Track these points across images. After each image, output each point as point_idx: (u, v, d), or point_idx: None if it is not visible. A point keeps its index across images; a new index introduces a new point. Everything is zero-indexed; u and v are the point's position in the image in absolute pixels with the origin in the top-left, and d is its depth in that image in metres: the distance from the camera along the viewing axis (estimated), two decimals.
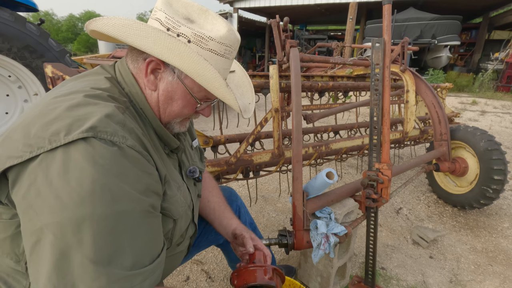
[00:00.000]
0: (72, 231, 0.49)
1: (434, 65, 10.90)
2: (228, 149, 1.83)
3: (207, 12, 0.71)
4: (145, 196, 0.58)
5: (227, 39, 0.69)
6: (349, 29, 6.83)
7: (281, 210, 2.37)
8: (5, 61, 2.68)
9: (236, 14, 14.10)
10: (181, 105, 0.73)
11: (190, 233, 0.91)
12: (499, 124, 5.71)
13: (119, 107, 0.62)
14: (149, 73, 0.69)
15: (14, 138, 0.54)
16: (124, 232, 0.54)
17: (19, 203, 0.52)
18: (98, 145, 0.52)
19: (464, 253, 1.91)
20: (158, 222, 0.64)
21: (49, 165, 0.50)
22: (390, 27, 1.20)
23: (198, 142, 1.03)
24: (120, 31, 0.62)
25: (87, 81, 0.68)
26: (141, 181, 0.58)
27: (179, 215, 0.77)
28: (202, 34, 0.66)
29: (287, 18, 1.70)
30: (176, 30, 0.66)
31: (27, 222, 0.52)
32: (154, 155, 0.66)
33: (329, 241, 1.11)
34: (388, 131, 1.20)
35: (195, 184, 0.93)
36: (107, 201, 0.51)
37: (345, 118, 5.14)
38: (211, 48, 0.68)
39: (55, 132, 0.52)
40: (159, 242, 0.64)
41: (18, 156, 0.51)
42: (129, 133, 0.59)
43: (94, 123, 0.53)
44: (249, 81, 0.92)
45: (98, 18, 0.64)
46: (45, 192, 0.50)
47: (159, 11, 0.67)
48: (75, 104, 0.56)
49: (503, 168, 2.05)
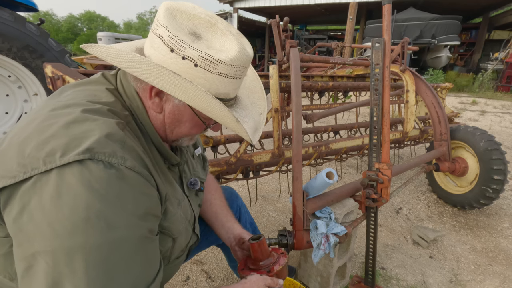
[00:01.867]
0: (64, 261, 0.47)
1: (434, 65, 10.90)
2: (228, 149, 1.83)
3: (215, 26, 0.63)
4: (143, 221, 0.56)
5: (238, 60, 0.62)
6: (349, 29, 6.83)
7: (281, 210, 2.37)
8: (5, 61, 2.68)
9: (236, 14, 14.10)
10: (189, 127, 0.71)
11: (191, 244, 0.90)
12: (499, 124, 5.71)
13: (119, 123, 0.59)
14: (153, 95, 0.65)
15: (9, 156, 0.52)
16: (119, 261, 0.52)
17: (10, 226, 0.51)
18: (95, 168, 0.50)
19: (464, 253, 1.91)
20: (154, 245, 0.61)
21: (42, 188, 0.48)
22: (390, 27, 1.20)
23: (201, 150, 1.01)
24: (120, 62, 0.58)
25: (87, 90, 0.65)
26: (140, 204, 0.56)
27: (178, 233, 0.75)
28: (210, 57, 0.59)
29: (287, 18, 1.70)
30: (181, 52, 0.58)
31: (18, 247, 0.50)
32: (154, 174, 0.63)
33: (329, 241, 1.11)
34: (388, 131, 1.20)
35: (196, 194, 0.92)
36: (101, 230, 0.49)
37: (345, 118, 5.14)
38: (220, 72, 0.61)
39: (50, 153, 0.49)
40: (155, 266, 0.61)
41: (11, 176, 0.49)
42: (129, 152, 0.56)
43: (91, 144, 0.51)
44: (261, 86, 0.86)
45: (95, 45, 0.59)
46: (37, 217, 0.48)
47: (161, 27, 0.59)
48: (72, 121, 0.54)
49: (503, 168, 2.05)
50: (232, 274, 1.64)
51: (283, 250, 1.02)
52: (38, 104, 1.81)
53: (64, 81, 1.23)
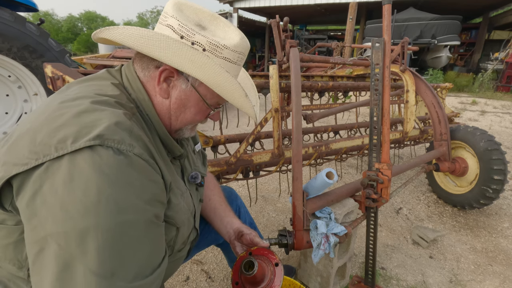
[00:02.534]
0: (76, 242, 0.49)
1: (434, 65, 10.90)
2: (228, 149, 1.83)
3: (218, 18, 0.71)
4: (150, 206, 0.58)
5: (240, 46, 0.70)
6: (349, 29, 6.83)
7: (281, 210, 2.37)
8: (5, 61, 2.68)
9: (236, 14, 14.09)
10: (194, 112, 0.74)
11: (191, 238, 0.91)
12: (499, 124, 5.71)
13: (126, 113, 0.61)
14: (162, 81, 0.68)
15: (21, 145, 0.53)
16: (128, 244, 0.53)
17: (23, 211, 0.52)
18: (105, 154, 0.52)
19: (464, 253, 1.91)
20: (161, 231, 0.63)
21: (54, 173, 0.50)
22: (390, 27, 1.20)
23: (200, 146, 1.03)
24: (138, 42, 0.61)
25: (93, 85, 0.67)
26: (147, 190, 0.57)
27: (182, 223, 0.77)
28: (217, 42, 0.66)
29: (287, 18, 1.70)
30: (190, 38, 0.65)
31: (31, 231, 0.51)
32: (160, 162, 0.65)
33: (329, 241, 1.11)
34: (388, 131, 1.20)
35: (197, 189, 0.93)
36: (112, 212, 0.51)
37: (345, 118, 5.14)
38: (225, 56, 0.68)
39: (61, 140, 0.51)
40: (161, 252, 0.63)
41: (23, 163, 0.51)
42: (136, 140, 0.58)
43: (101, 131, 0.53)
44: (252, 83, 0.94)
45: (112, 28, 0.63)
46: (50, 201, 0.49)
47: (171, 18, 0.65)
48: (82, 110, 0.56)
49: (503, 168, 2.05)
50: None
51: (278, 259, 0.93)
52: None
53: (64, 81, 1.23)
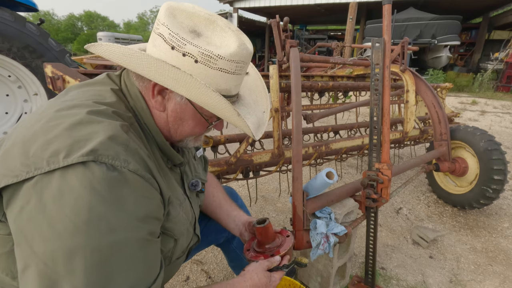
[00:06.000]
0: (63, 262, 0.47)
1: (434, 65, 10.90)
2: (228, 149, 1.83)
3: (215, 23, 0.64)
4: (144, 223, 0.56)
5: (238, 55, 0.63)
6: (349, 29, 6.83)
7: (281, 210, 2.37)
8: (5, 61, 2.68)
9: (236, 14, 14.10)
10: (192, 125, 0.71)
11: (192, 244, 0.90)
12: (499, 124, 5.71)
13: (123, 126, 0.59)
14: (156, 94, 0.66)
15: (13, 155, 0.52)
16: (119, 264, 0.51)
17: (11, 225, 0.51)
18: (98, 170, 0.50)
19: (464, 253, 1.91)
20: (155, 248, 0.61)
21: (44, 188, 0.48)
22: (390, 27, 1.20)
23: (202, 151, 1.01)
24: (121, 59, 0.59)
25: (92, 91, 0.66)
26: (140, 207, 0.56)
27: (180, 234, 0.75)
28: (210, 52, 0.60)
29: (287, 18, 1.69)
30: (181, 49, 0.60)
31: (17, 246, 0.50)
32: (158, 177, 0.63)
33: (329, 241, 1.11)
34: (388, 131, 1.20)
35: (197, 195, 0.92)
36: (102, 232, 0.49)
37: (345, 118, 5.14)
38: (220, 67, 0.62)
39: (54, 153, 0.50)
40: (155, 268, 0.61)
41: (14, 175, 0.50)
42: (132, 155, 0.56)
43: (95, 146, 0.51)
44: (263, 85, 0.87)
45: (98, 44, 0.61)
46: (37, 218, 0.48)
47: (162, 26, 0.60)
48: (77, 122, 0.54)
49: (503, 168, 2.05)
50: (232, 274, 1.64)
51: (290, 232, 1.02)
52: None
53: (64, 81, 1.22)
